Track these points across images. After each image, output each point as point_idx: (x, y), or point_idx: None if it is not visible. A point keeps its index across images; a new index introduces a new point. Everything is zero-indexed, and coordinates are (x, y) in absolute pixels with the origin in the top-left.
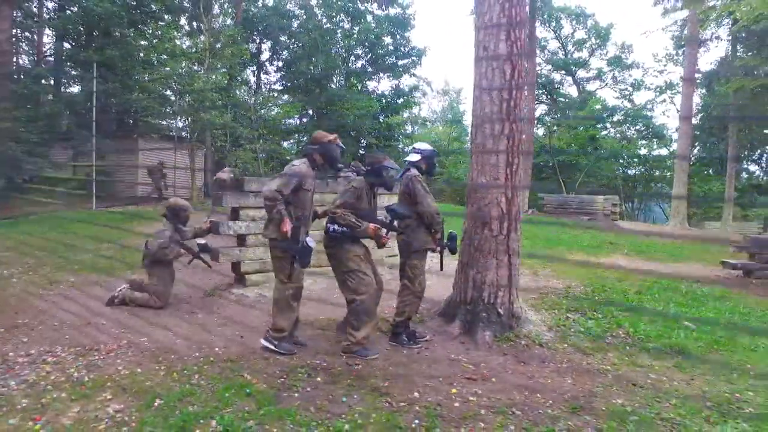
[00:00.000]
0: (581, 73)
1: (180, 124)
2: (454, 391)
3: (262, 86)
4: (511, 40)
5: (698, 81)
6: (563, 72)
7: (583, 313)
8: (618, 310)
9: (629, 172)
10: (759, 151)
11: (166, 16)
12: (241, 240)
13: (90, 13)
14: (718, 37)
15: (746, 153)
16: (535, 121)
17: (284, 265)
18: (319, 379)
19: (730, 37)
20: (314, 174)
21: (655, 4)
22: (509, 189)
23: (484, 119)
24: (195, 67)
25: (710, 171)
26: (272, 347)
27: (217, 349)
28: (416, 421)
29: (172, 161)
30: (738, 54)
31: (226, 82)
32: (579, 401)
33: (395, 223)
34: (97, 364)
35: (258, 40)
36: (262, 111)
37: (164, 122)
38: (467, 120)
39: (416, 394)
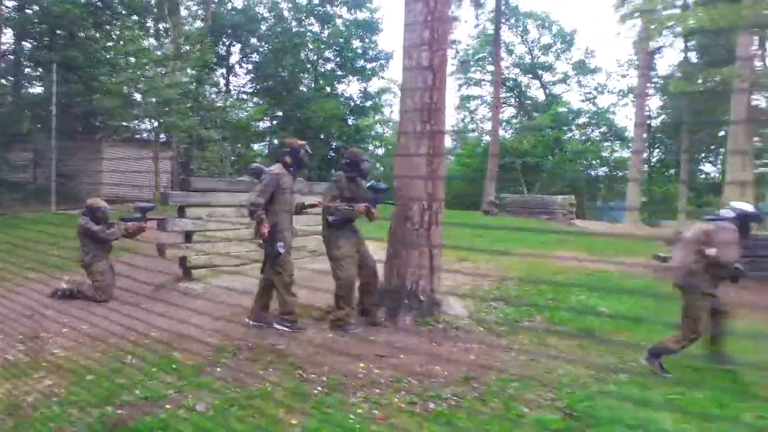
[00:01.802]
0: (547, 77)
1: (146, 126)
2: (361, 365)
3: (232, 89)
4: (433, 50)
5: (656, 84)
6: (530, 75)
7: (507, 302)
8: (541, 297)
9: (592, 173)
10: (714, 152)
11: (133, 17)
12: (187, 236)
13: (51, 13)
14: (671, 45)
15: (703, 155)
16: (502, 124)
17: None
18: (242, 357)
19: (682, 44)
20: (289, 174)
21: (616, 10)
22: (430, 185)
23: (407, 122)
24: (160, 70)
25: (671, 172)
26: (286, 329)
27: (153, 333)
28: (318, 389)
29: (137, 163)
30: (691, 60)
31: (193, 85)
32: (474, 373)
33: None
34: (35, 349)
35: (227, 43)
36: (231, 113)
37: (130, 124)
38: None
39: (327, 368)
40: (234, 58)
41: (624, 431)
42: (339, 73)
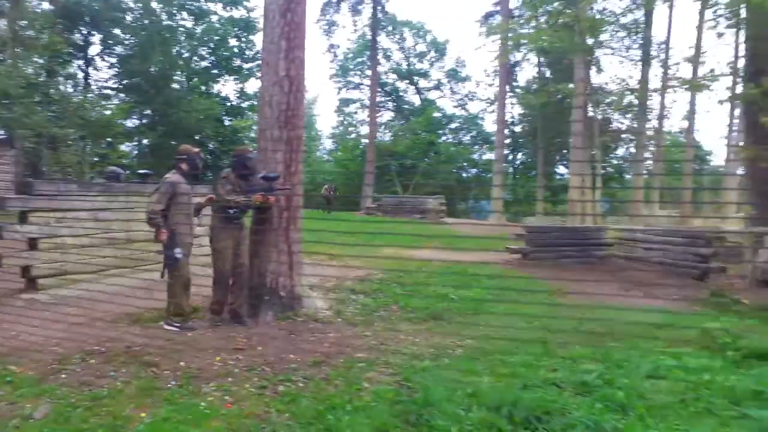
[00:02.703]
0: (423, 83)
1: None
2: (218, 359)
3: (92, 83)
4: (289, 59)
5: (517, 94)
6: (407, 81)
7: (368, 295)
8: (401, 289)
9: (463, 174)
10: (564, 155)
11: None
12: (32, 243)
13: None
14: (527, 59)
15: (558, 158)
16: (380, 127)
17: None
18: (93, 361)
19: (536, 61)
20: (185, 180)
21: (481, 25)
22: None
23: (265, 127)
24: None
25: (533, 173)
26: (175, 329)
27: None
28: (173, 382)
29: None
30: (545, 75)
31: (42, 76)
32: (324, 358)
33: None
34: None
35: (85, 31)
36: (90, 110)
37: None
38: (319, 125)
39: (183, 363)
40: (94, 50)
41: (445, 393)
42: (214, 71)
